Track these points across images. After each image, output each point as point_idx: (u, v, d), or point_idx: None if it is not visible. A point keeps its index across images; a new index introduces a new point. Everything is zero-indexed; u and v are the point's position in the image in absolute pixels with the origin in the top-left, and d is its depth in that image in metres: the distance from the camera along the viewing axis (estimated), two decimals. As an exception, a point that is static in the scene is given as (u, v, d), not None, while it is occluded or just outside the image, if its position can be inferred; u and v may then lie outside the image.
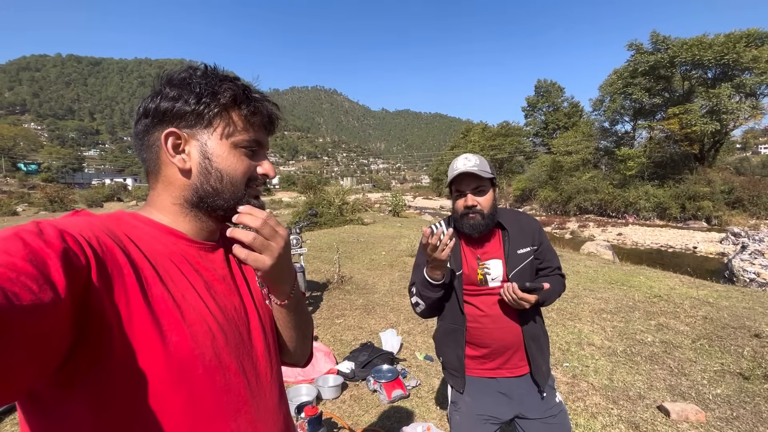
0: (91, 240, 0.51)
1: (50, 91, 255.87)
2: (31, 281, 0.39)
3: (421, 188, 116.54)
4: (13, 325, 0.36)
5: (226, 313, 0.64)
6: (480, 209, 1.46)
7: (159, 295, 0.55)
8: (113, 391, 0.50)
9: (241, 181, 0.67)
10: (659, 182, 27.31)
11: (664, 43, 27.02)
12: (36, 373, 0.41)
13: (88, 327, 0.47)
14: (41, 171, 73.52)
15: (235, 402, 0.61)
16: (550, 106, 46.29)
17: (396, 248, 9.65)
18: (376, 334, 4.07)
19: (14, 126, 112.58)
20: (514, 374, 1.55)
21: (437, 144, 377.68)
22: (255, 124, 0.69)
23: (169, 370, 0.53)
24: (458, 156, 1.52)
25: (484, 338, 1.53)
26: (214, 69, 0.68)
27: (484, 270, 1.52)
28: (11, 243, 0.42)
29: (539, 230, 1.59)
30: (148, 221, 0.65)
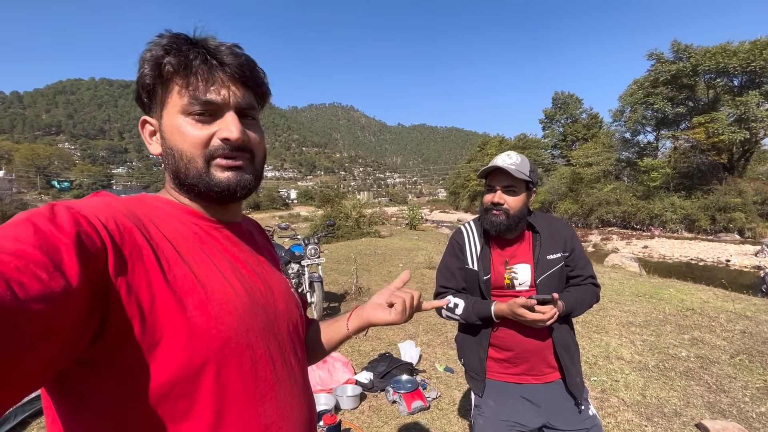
0: (108, 222, 0.49)
1: (84, 112, 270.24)
2: (40, 270, 0.38)
3: (437, 201, 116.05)
4: (18, 318, 0.34)
5: (251, 295, 0.61)
6: (506, 208, 1.42)
7: (182, 275, 0.53)
8: (139, 374, 0.48)
9: (192, 154, 0.59)
10: (686, 193, 26.35)
11: (686, 52, 26.49)
12: (54, 361, 0.40)
13: (109, 312, 0.46)
14: (73, 188, 77.26)
15: (261, 385, 0.59)
16: (568, 118, 45.73)
17: (413, 261, 9.57)
18: (395, 345, 4.00)
19: (50, 146, 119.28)
20: (541, 381, 1.49)
21: (453, 158, 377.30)
22: (196, 80, 0.58)
23: (195, 350, 0.51)
24: (501, 153, 1.50)
25: (508, 341, 1.48)
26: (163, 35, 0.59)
27: (512, 275, 1.48)
28: (22, 229, 0.40)
29: (572, 236, 1.52)
30: (169, 201, 0.63)
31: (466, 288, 1.58)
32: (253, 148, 0.64)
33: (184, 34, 0.59)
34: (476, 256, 1.54)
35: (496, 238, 1.52)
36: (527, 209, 1.49)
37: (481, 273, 1.51)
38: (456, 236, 1.63)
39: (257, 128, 0.65)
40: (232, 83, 0.60)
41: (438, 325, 4.76)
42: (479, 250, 1.54)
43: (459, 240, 1.61)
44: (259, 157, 0.66)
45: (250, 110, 0.63)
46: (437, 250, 11.32)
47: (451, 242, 1.65)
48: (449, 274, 1.61)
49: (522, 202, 1.44)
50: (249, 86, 0.63)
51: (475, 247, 1.56)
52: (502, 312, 1.43)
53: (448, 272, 1.61)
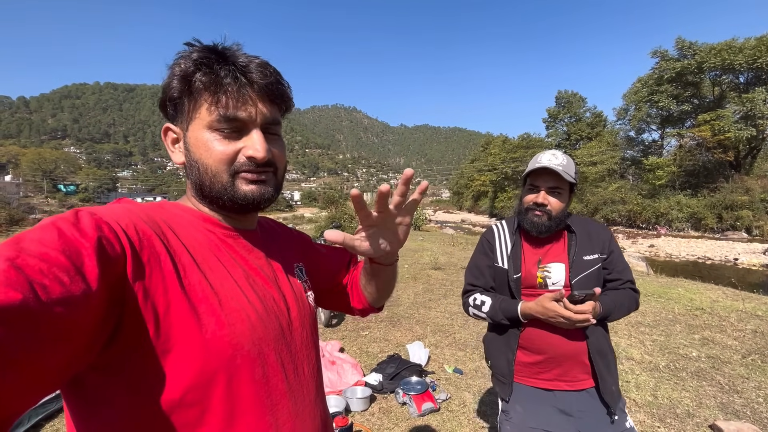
0: (128, 228, 0.50)
1: (89, 116, 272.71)
2: (62, 273, 0.39)
3: (441, 202, 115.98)
4: (39, 319, 0.35)
5: (265, 304, 0.62)
6: (549, 209, 1.36)
7: (196, 282, 0.54)
8: (152, 379, 0.49)
9: (218, 170, 0.60)
10: (692, 192, 26.18)
11: (690, 49, 26.35)
12: (71, 363, 0.41)
13: (125, 316, 0.47)
14: (79, 191, 77.98)
15: (273, 395, 0.59)
16: (572, 117, 45.56)
17: (419, 261, 9.57)
18: (403, 347, 4.00)
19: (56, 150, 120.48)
20: (574, 387, 1.40)
21: (457, 158, 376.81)
22: (223, 96, 0.58)
23: (207, 358, 0.52)
24: (545, 150, 1.44)
25: (539, 343, 1.41)
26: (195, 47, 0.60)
27: (544, 273, 1.42)
28: (47, 233, 0.42)
29: (610, 239, 1.47)
30: (187, 209, 0.64)
31: (495, 287, 1.54)
32: (276, 163, 0.65)
33: (214, 47, 0.60)
34: (507, 254, 1.49)
35: (530, 237, 1.47)
36: (567, 211, 1.44)
37: (511, 271, 1.46)
38: (487, 234, 1.60)
39: (280, 142, 0.67)
40: (259, 101, 0.61)
41: (446, 326, 4.76)
42: (510, 248, 1.49)
43: (489, 238, 1.57)
44: (280, 170, 0.67)
45: (275, 126, 0.64)
46: (442, 251, 11.30)
47: (481, 240, 1.62)
48: (478, 272, 1.57)
49: (565, 204, 1.39)
50: (275, 103, 0.64)
51: (505, 244, 1.52)
52: (530, 311, 1.36)
53: (477, 270, 1.57)
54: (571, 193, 1.42)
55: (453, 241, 15.31)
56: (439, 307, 5.57)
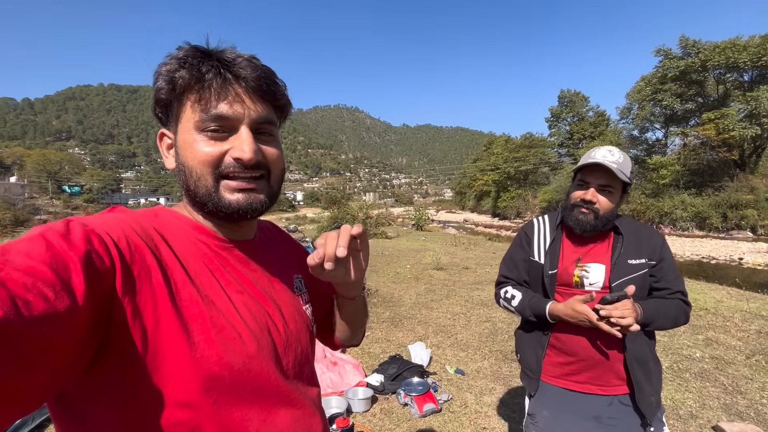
0: (120, 240, 0.48)
1: (93, 118, 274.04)
2: (47, 288, 0.37)
3: (443, 202, 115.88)
4: (18, 337, 0.33)
5: (258, 320, 0.60)
6: (596, 208, 1.29)
7: (188, 298, 0.52)
8: (140, 396, 0.48)
9: (202, 172, 0.57)
10: (696, 191, 25.99)
11: (694, 47, 26.15)
12: (53, 381, 0.39)
13: (112, 332, 0.45)
14: (83, 192, 78.53)
15: (263, 414, 0.58)
16: (574, 116, 45.37)
17: (421, 261, 9.56)
18: (405, 347, 4.00)
19: (60, 151, 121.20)
20: (607, 392, 1.34)
21: (459, 157, 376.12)
22: (206, 93, 0.55)
23: (196, 378, 0.50)
24: (601, 145, 1.36)
25: (571, 345, 1.36)
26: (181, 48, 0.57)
27: (582, 272, 1.35)
28: (35, 244, 0.40)
29: (662, 245, 1.38)
30: (183, 218, 0.62)
31: (529, 282, 1.50)
32: (269, 165, 0.61)
33: (201, 46, 0.57)
34: (545, 249, 1.44)
35: (572, 234, 1.40)
36: (616, 212, 1.36)
37: (546, 267, 1.41)
38: (526, 227, 1.55)
39: (275, 143, 0.62)
40: (247, 97, 0.57)
41: (448, 327, 4.75)
42: (549, 243, 1.44)
43: (528, 231, 1.53)
44: (275, 174, 0.63)
45: (268, 125, 0.60)
46: (444, 251, 11.29)
47: (519, 233, 1.58)
48: (512, 265, 1.55)
49: (615, 204, 1.32)
50: (267, 100, 0.60)
51: (545, 239, 1.46)
52: (558, 312, 1.31)
53: (512, 263, 1.56)
54: (624, 193, 1.34)
55: (455, 241, 15.29)
56: (441, 308, 5.57)
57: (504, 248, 13.86)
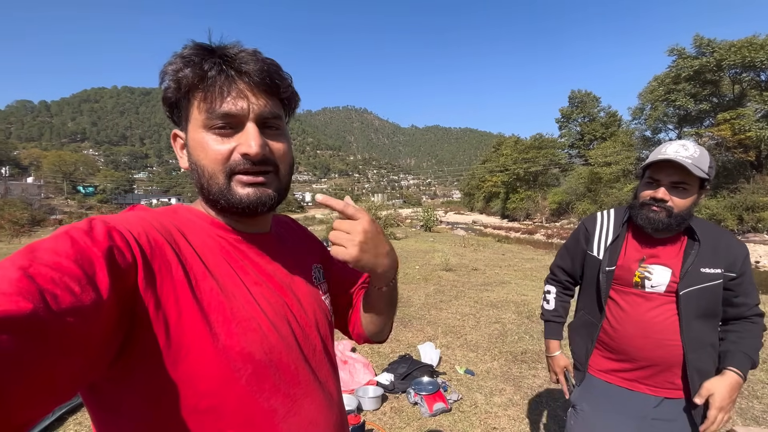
0: (140, 237, 0.50)
1: (107, 119, 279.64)
2: (73, 282, 0.39)
3: (452, 203, 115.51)
4: (48, 329, 0.35)
5: (277, 311, 0.61)
6: (670, 206, 1.19)
7: (208, 290, 0.54)
8: (165, 387, 0.49)
9: (214, 170, 0.58)
10: (711, 192, 25.48)
11: (709, 47, 25.73)
12: (83, 373, 0.40)
13: (135, 326, 0.47)
14: (97, 193, 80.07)
15: (287, 403, 0.59)
16: (585, 117, 44.94)
17: (430, 262, 9.56)
18: (414, 347, 4.01)
19: (75, 153, 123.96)
20: (656, 393, 1.28)
21: (468, 158, 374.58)
22: (210, 91, 0.56)
23: (219, 367, 0.52)
24: (674, 141, 1.26)
25: (622, 344, 1.31)
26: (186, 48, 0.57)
27: (644, 273, 1.28)
28: (60, 241, 0.42)
29: (744, 258, 1.26)
30: (200, 214, 0.63)
31: (584, 277, 1.48)
32: (277, 160, 0.61)
33: (205, 44, 0.57)
34: (605, 245, 1.38)
35: (639, 233, 1.32)
36: (693, 211, 1.26)
37: (605, 263, 1.35)
38: (586, 221, 1.50)
39: (282, 138, 0.62)
40: (251, 92, 0.57)
41: (457, 327, 4.75)
42: (612, 239, 1.37)
43: (589, 225, 1.47)
44: (284, 169, 0.63)
45: (275, 119, 0.60)
46: (453, 252, 11.27)
47: (579, 226, 1.55)
48: (564, 252, 1.59)
49: (691, 203, 1.20)
50: (272, 93, 0.59)
51: (606, 234, 1.40)
52: (554, 358, 1.56)
53: (564, 250, 1.58)
54: (702, 189, 1.22)
55: (464, 242, 15.24)
56: (451, 309, 5.57)
57: (513, 249, 13.79)
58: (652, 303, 1.28)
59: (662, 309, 1.26)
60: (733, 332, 1.29)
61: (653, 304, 1.28)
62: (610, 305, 1.36)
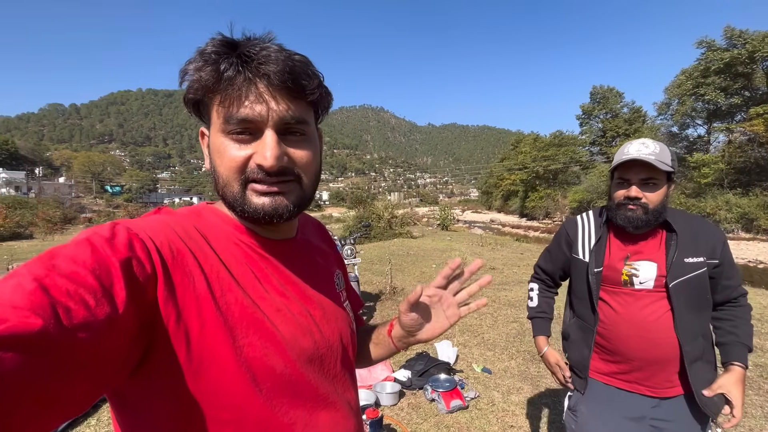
0: (162, 246, 0.49)
1: (132, 121, 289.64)
2: (89, 295, 0.38)
3: (469, 202, 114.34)
4: (56, 348, 0.34)
5: (300, 322, 0.60)
6: (644, 203, 1.24)
7: (232, 301, 0.52)
8: (186, 400, 0.49)
9: (228, 178, 0.54)
10: (743, 190, 24.43)
11: (740, 38, 24.62)
12: (96, 388, 0.40)
13: (156, 338, 0.46)
14: (123, 192, 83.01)
15: (305, 416, 0.58)
16: (607, 113, 43.63)
17: (446, 261, 9.49)
18: (431, 345, 4.04)
19: (103, 153, 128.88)
20: (656, 394, 1.29)
21: (485, 156, 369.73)
22: (230, 95, 0.51)
23: (242, 381, 0.51)
24: (633, 140, 1.31)
25: (618, 346, 1.32)
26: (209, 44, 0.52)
27: (631, 271, 1.31)
28: (80, 249, 0.41)
29: (723, 243, 1.30)
30: (225, 217, 0.61)
31: (573, 281, 1.50)
32: (299, 169, 0.56)
33: (228, 39, 0.52)
34: (590, 248, 1.41)
35: (619, 231, 1.36)
36: (666, 203, 1.30)
37: (591, 265, 1.38)
38: (567, 225, 1.53)
39: (306, 144, 0.57)
40: (271, 95, 0.52)
41: (474, 326, 4.75)
42: (594, 241, 1.41)
43: (570, 230, 1.50)
44: (307, 178, 0.58)
45: (299, 125, 0.55)
46: (470, 251, 11.20)
47: (560, 230, 1.58)
48: (547, 254, 1.64)
49: (663, 196, 1.25)
50: (296, 96, 0.54)
51: (589, 237, 1.43)
52: (544, 355, 1.60)
53: (547, 253, 1.64)
54: (670, 182, 1.28)
55: (482, 241, 15.11)
56: (468, 307, 5.56)
57: (532, 249, 13.58)
58: (644, 301, 1.29)
59: (654, 306, 1.28)
60: (726, 320, 1.34)
61: (644, 302, 1.29)
62: (602, 308, 1.37)
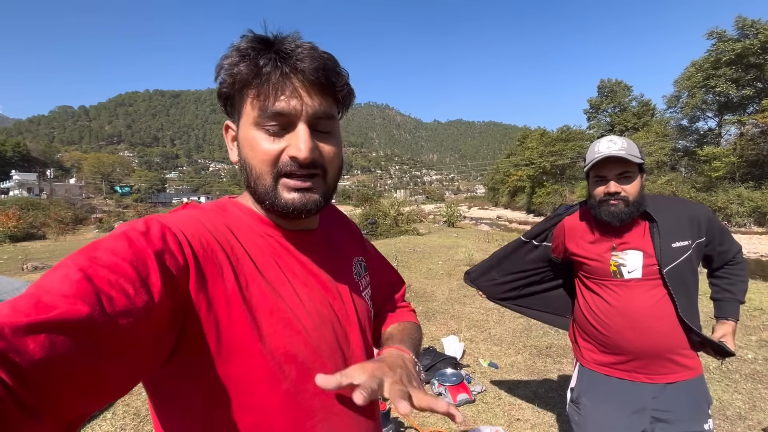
0: (193, 239, 0.51)
1: (140, 122, 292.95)
2: (128, 284, 0.41)
3: (476, 198, 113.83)
4: (102, 332, 0.37)
5: (321, 311, 0.62)
6: (624, 196, 1.29)
7: (258, 292, 0.55)
8: (215, 385, 0.51)
9: (261, 171, 0.57)
10: (755, 183, 24.01)
11: (752, 28, 24.13)
12: (134, 372, 0.42)
13: (187, 326, 0.48)
14: (132, 192, 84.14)
15: (327, 404, 0.59)
16: (615, 107, 43.04)
17: (453, 258, 9.54)
18: (438, 340, 4.08)
19: (112, 154, 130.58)
20: (654, 380, 1.32)
21: (492, 153, 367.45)
22: (264, 88, 0.54)
23: (267, 368, 0.53)
24: (600, 138, 1.36)
25: (614, 338, 1.35)
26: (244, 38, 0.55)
27: (618, 261, 1.34)
28: (119, 242, 0.44)
29: (707, 218, 1.34)
30: (249, 211, 0.63)
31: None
32: (326, 164, 0.59)
33: (263, 36, 0.55)
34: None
35: (601, 224, 1.39)
36: (643, 192, 1.35)
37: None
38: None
39: (333, 139, 0.61)
40: (305, 91, 0.55)
41: (481, 321, 4.78)
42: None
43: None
44: (332, 172, 0.61)
45: (327, 120, 0.58)
46: (477, 248, 11.18)
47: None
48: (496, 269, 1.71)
49: (639, 187, 1.30)
50: (327, 93, 0.57)
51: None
52: None
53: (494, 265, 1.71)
54: (642, 173, 1.33)
55: (488, 237, 15.07)
56: (474, 303, 5.58)
57: (539, 245, 13.46)
58: (635, 291, 1.32)
59: (646, 296, 1.30)
60: (723, 278, 1.44)
61: (636, 292, 1.31)
62: (595, 300, 1.40)
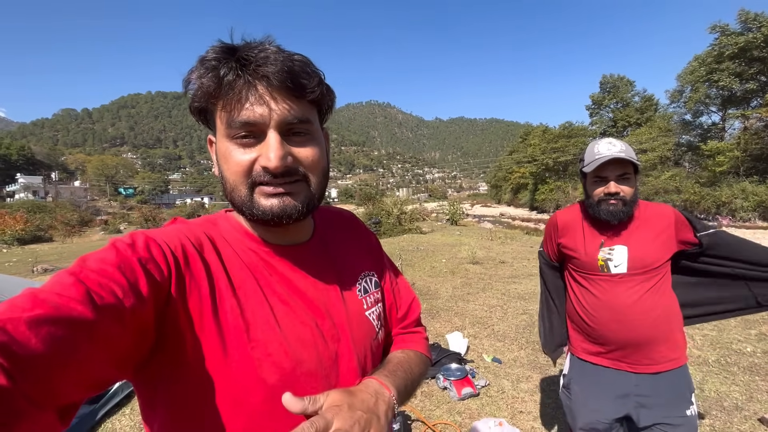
0: (176, 250, 0.52)
1: (143, 124, 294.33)
2: (117, 287, 0.43)
3: (478, 196, 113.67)
4: (93, 326, 0.39)
5: (301, 333, 0.58)
6: (623, 197, 1.35)
7: (229, 310, 0.53)
8: (185, 397, 0.51)
9: (236, 182, 0.55)
10: (759, 178, 23.89)
11: (755, 21, 23.98)
12: (110, 370, 0.44)
13: (167, 330, 0.49)
14: (136, 194, 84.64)
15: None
16: (618, 103, 42.88)
17: (456, 256, 9.62)
18: (442, 337, 4.17)
19: (116, 156, 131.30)
20: (636, 370, 1.39)
21: (494, 150, 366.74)
22: (231, 99, 0.51)
23: (232, 389, 0.52)
24: (598, 140, 1.41)
25: (600, 330, 1.42)
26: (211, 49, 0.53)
27: (606, 256, 1.40)
28: (107, 252, 0.47)
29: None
30: (236, 224, 0.63)
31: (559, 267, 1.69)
32: (305, 168, 0.57)
33: (227, 44, 0.53)
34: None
35: (594, 221, 1.45)
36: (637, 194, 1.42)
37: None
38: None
39: (312, 143, 0.57)
40: (271, 97, 0.52)
41: (484, 318, 4.86)
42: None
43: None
44: (314, 177, 0.58)
45: (302, 124, 0.55)
46: (480, 245, 11.25)
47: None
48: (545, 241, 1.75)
49: (635, 187, 1.38)
50: (297, 96, 0.54)
51: None
52: None
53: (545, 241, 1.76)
54: (637, 174, 1.40)
55: (491, 235, 15.13)
56: (478, 300, 5.67)
57: (542, 242, 13.50)
58: (620, 286, 1.38)
59: (632, 291, 1.37)
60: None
61: (620, 287, 1.38)
62: (584, 294, 1.48)
